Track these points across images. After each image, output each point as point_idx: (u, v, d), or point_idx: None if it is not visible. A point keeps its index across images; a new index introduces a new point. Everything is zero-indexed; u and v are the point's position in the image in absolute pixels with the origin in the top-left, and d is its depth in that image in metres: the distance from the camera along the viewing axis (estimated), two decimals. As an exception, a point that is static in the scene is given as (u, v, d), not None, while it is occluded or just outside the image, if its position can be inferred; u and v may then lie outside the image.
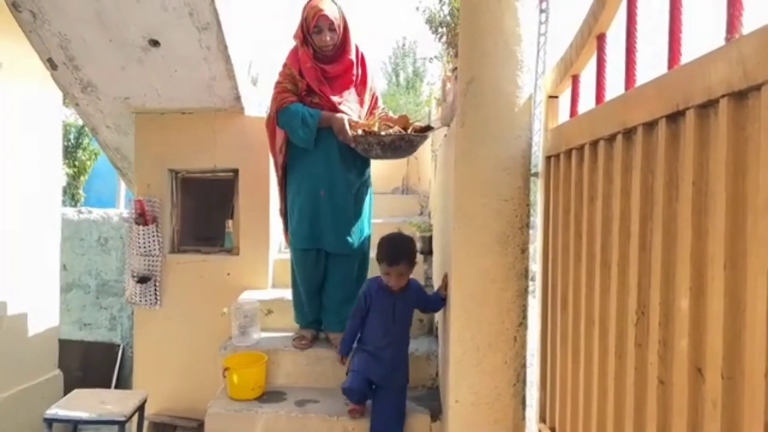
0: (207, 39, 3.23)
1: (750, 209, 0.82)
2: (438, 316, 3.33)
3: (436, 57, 2.97)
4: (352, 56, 2.83)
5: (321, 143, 2.76)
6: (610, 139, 1.31)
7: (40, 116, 4.61)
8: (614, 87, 1.39)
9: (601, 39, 1.46)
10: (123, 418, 2.75)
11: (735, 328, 0.83)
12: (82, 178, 11.42)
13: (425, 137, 2.71)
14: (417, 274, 3.99)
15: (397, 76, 18.39)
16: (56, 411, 2.77)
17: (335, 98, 2.77)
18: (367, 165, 2.97)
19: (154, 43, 3.31)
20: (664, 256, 1.05)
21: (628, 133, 1.22)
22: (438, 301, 2.50)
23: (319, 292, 3.02)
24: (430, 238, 3.98)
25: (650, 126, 1.11)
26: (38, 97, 4.47)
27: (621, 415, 1.24)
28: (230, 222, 3.93)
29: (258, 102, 3.90)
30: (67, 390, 3.56)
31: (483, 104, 1.78)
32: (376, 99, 3.07)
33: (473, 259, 1.81)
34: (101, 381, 6.22)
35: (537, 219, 2.01)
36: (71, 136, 10.92)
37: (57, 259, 4.94)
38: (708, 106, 0.91)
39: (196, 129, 3.81)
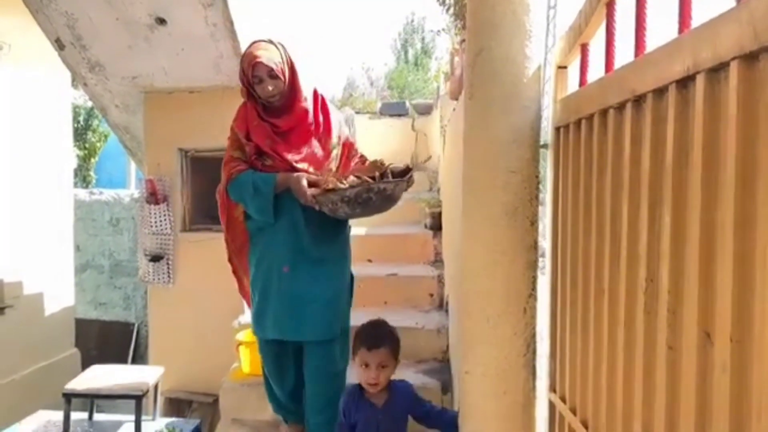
0: (213, 16, 3.22)
1: (761, 173, 0.82)
2: (448, 289, 3.35)
3: (443, 29, 2.94)
4: (306, 103, 2.34)
5: (283, 210, 2.28)
6: (620, 107, 1.30)
7: (49, 98, 4.63)
8: (624, 55, 1.37)
9: (610, 6, 1.44)
10: (140, 393, 2.80)
11: (744, 291, 0.84)
12: (92, 159, 11.50)
13: (401, 182, 2.20)
14: (426, 250, 4.01)
15: (406, 53, 18.26)
16: (74, 386, 2.83)
17: (291, 156, 2.29)
18: (342, 230, 2.46)
19: (161, 21, 3.31)
20: (673, 222, 1.05)
21: (638, 101, 1.20)
22: (451, 422, 2.03)
23: (298, 389, 2.50)
24: (440, 213, 3.99)
25: (660, 92, 1.10)
26: (46, 78, 4.49)
27: (630, 381, 1.25)
28: (240, 200, 3.94)
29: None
30: (84, 368, 3.63)
31: (492, 75, 1.76)
32: (350, 146, 2.52)
33: (482, 232, 1.81)
34: (117, 359, 6.33)
35: (546, 195, 2.01)
36: (81, 118, 10.97)
37: (70, 240, 5.00)
38: (719, 70, 0.90)
39: (204, 107, 3.81)
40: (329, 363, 2.36)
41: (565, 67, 1.83)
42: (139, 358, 6.70)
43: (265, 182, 2.25)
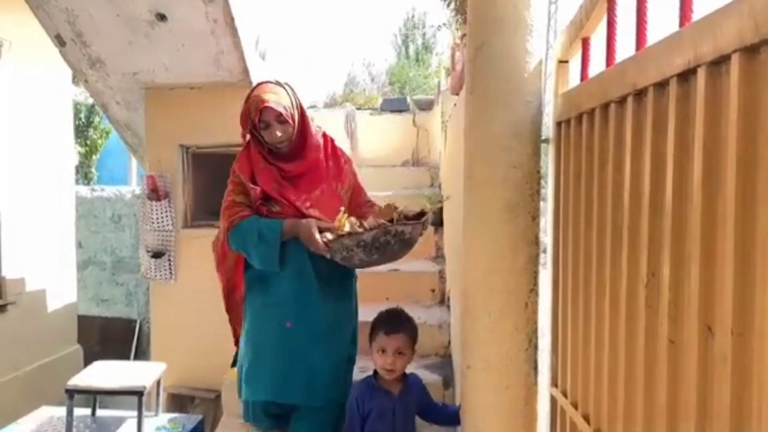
0: (213, 12, 3.22)
1: (762, 166, 0.82)
2: (449, 284, 3.36)
3: (444, 24, 2.93)
4: (317, 148, 2.19)
5: (288, 259, 2.08)
6: (621, 101, 1.30)
7: (50, 95, 4.63)
8: (625, 49, 1.37)
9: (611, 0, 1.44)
10: (142, 389, 2.81)
11: (745, 284, 0.84)
12: (94, 156, 11.50)
13: (419, 225, 2.09)
14: (427, 246, 4.01)
15: (407, 48, 18.25)
16: (77, 382, 2.84)
17: (301, 202, 2.13)
18: (351, 282, 2.30)
19: (161, 17, 3.30)
20: (675, 216, 1.05)
21: (639, 95, 1.20)
22: (453, 416, 2.05)
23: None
24: (441, 209, 3.99)
25: (661, 86, 1.10)
26: (46, 75, 4.49)
27: (632, 375, 1.25)
28: (242, 196, 3.95)
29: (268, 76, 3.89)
30: (87, 365, 3.64)
31: (492, 70, 1.76)
32: (359, 190, 2.36)
33: (483, 227, 1.81)
34: (119, 356, 6.34)
35: (548, 191, 2.01)
36: (82, 115, 10.97)
37: (72, 237, 5.01)
38: (720, 63, 0.90)
39: (205, 104, 3.81)
40: (321, 429, 2.18)
41: (566, 62, 1.83)
42: (142, 354, 6.72)
43: (271, 229, 2.06)
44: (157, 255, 3.83)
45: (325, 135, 2.27)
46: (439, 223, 3.99)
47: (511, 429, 1.76)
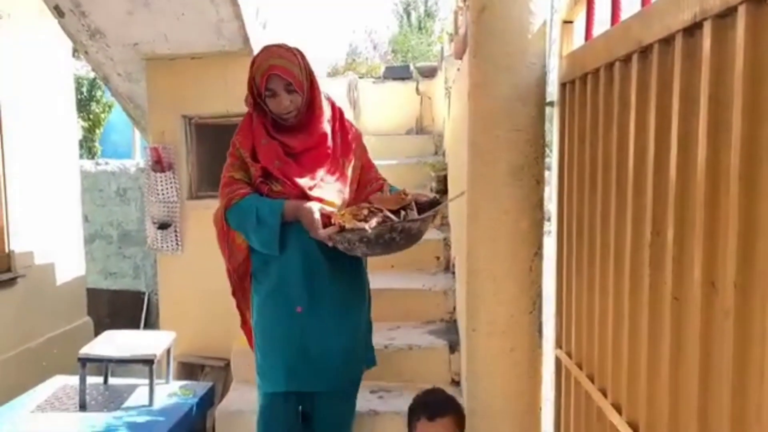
0: (212, -21, 3.17)
1: (766, 118, 0.81)
2: (454, 251, 3.37)
3: (446, -12, 2.86)
4: (325, 124, 2.02)
5: (293, 241, 1.95)
6: (626, 59, 1.28)
7: (51, 68, 4.60)
8: (631, 7, 1.35)
9: (617, -44, 1.42)
10: (153, 357, 2.85)
11: (748, 237, 0.84)
12: (97, 131, 11.46)
13: (427, 219, 1.99)
14: (433, 213, 4.01)
15: (409, 15, 17.98)
16: (89, 351, 2.88)
17: (304, 181, 1.97)
18: (360, 262, 2.15)
19: (160, -15, 3.26)
20: (679, 173, 1.04)
21: (644, 52, 1.19)
22: None
23: None
24: (445, 177, 3.99)
25: (666, 42, 1.09)
26: (47, 48, 4.45)
27: (636, 334, 1.26)
28: (246, 167, 3.94)
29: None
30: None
31: (495, 32, 1.74)
32: (369, 166, 2.20)
33: (487, 192, 1.81)
34: (129, 328, 6.42)
35: (552, 159, 2.00)
36: (84, 89, 10.90)
37: (78, 211, 5.03)
38: (726, 16, 0.89)
39: (206, 74, 3.78)
40: (342, 416, 2.11)
41: (571, 22, 1.80)
42: (151, 326, 6.80)
43: (272, 211, 1.92)
44: (163, 226, 3.85)
45: (333, 105, 2.11)
46: (443, 191, 3.99)
47: (516, 390, 1.79)
